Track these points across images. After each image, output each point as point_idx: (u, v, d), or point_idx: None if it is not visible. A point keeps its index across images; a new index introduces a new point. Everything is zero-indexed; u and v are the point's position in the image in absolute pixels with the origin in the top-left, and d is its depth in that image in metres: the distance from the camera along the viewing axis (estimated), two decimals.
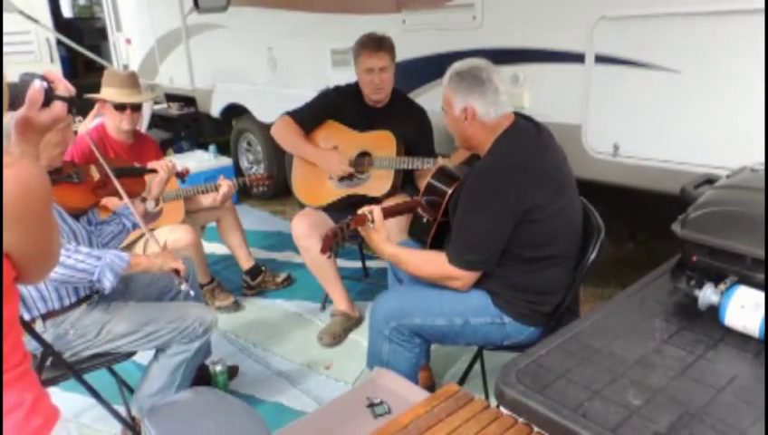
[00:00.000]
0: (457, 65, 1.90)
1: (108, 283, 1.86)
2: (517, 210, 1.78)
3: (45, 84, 1.03)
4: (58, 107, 1.06)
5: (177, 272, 2.02)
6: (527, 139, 1.87)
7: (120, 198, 2.18)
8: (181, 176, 2.64)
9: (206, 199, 3.09)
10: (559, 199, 1.84)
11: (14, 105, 1.02)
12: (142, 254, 2.06)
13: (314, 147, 2.89)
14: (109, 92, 2.86)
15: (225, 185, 2.91)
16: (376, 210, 2.01)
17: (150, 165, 2.37)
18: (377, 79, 2.76)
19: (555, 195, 1.83)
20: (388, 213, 2.06)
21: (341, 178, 2.87)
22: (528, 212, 1.78)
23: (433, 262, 1.92)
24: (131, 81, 2.95)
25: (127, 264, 1.91)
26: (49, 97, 1.04)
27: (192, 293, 2.06)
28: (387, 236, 2.03)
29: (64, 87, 1.08)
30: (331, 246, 2.00)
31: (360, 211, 2.03)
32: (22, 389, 0.99)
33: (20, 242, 0.91)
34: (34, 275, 1.02)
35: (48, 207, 0.94)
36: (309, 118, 2.91)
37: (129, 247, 2.77)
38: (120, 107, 2.85)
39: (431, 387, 2.32)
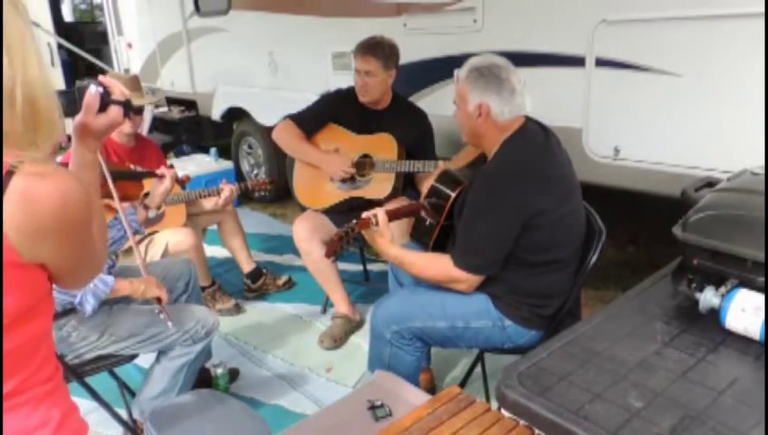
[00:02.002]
0: (476, 60, 1.87)
1: (89, 307, 1.87)
2: (524, 215, 1.78)
3: (101, 89, 1.05)
4: (114, 111, 1.07)
5: (158, 301, 2.01)
6: (535, 143, 1.86)
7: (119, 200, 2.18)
8: (181, 183, 2.63)
9: (208, 203, 3.09)
10: (565, 205, 1.84)
11: (72, 111, 1.04)
12: (127, 280, 2.05)
13: (315, 150, 2.90)
14: None
15: (227, 189, 2.91)
16: (380, 213, 2.02)
17: (160, 171, 2.35)
18: (360, 81, 2.78)
19: (561, 200, 1.83)
20: (391, 216, 2.06)
21: (343, 181, 2.87)
22: (535, 217, 1.78)
23: (437, 264, 1.92)
24: (133, 84, 2.95)
25: (110, 289, 1.92)
26: (105, 102, 1.05)
27: (170, 324, 1.99)
28: (392, 237, 2.03)
29: (119, 91, 1.09)
30: (336, 250, 2.01)
31: (364, 215, 2.04)
32: (51, 405, 0.96)
33: (55, 254, 0.88)
34: (69, 283, 0.99)
35: (87, 220, 0.91)
36: (310, 121, 2.92)
37: (129, 251, 2.77)
38: None
39: (432, 389, 2.32)
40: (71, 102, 1.04)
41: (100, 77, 1.09)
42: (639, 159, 2.51)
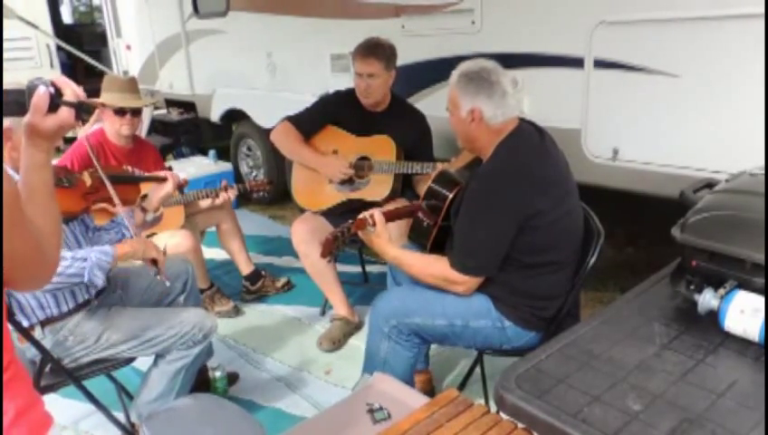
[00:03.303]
0: (466, 66, 1.87)
1: (99, 281, 1.85)
2: (520, 216, 1.77)
3: (51, 90, 1.01)
4: (65, 113, 1.03)
5: (154, 262, 2.00)
6: (530, 144, 1.86)
7: (113, 204, 2.17)
8: (179, 187, 2.63)
9: (205, 202, 3.07)
10: (561, 206, 1.84)
11: (22, 111, 1.01)
12: (126, 242, 2.04)
13: (314, 152, 2.89)
14: (109, 97, 2.86)
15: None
16: (377, 214, 2.01)
17: (162, 175, 2.34)
18: (363, 84, 2.77)
19: (558, 201, 1.83)
20: (388, 216, 2.06)
21: (342, 183, 2.87)
22: (531, 218, 1.78)
23: (435, 266, 1.92)
24: (131, 86, 2.95)
25: (112, 258, 1.90)
26: (55, 103, 1.02)
27: (168, 283, 2.03)
28: (389, 238, 2.02)
29: (72, 92, 1.04)
30: (331, 250, 2.00)
31: (360, 215, 2.03)
32: (6, 399, 0.94)
33: None
34: (21, 282, 0.95)
35: (14, 213, 0.86)
36: (309, 123, 2.91)
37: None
38: (120, 112, 2.85)
39: (430, 392, 2.32)
40: (20, 102, 0.99)
41: (53, 77, 1.05)
42: (638, 160, 2.51)
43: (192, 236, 2.93)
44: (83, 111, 1.07)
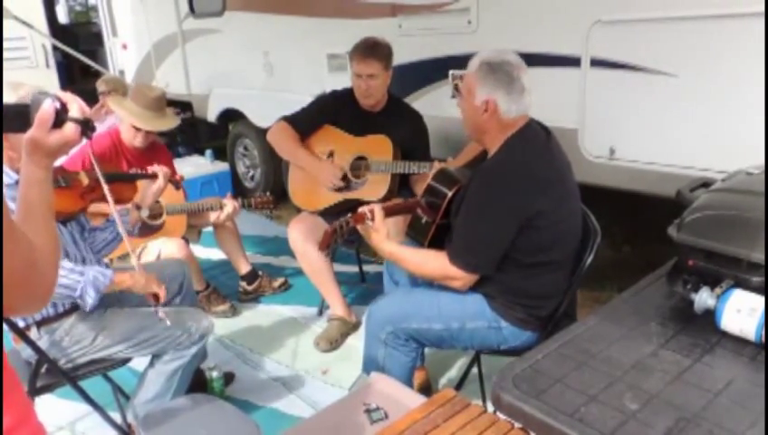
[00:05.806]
0: (488, 55, 1.82)
1: (90, 299, 1.83)
2: (521, 216, 1.77)
3: (57, 104, 0.97)
4: (70, 129, 0.99)
5: (155, 298, 1.98)
6: (536, 144, 1.85)
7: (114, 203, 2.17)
8: (175, 183, 2.62)
9: (213, 214, 3.03)
10: (563, 207, 1.83)
11: (23, 127, 0.98)
12: (127, 272, 2.02)
13: (309, 155, 2.88)
14: (131, 110, 2.88)
15: (230, 205, 2.90)
16: (376, 209, 2.01)
17: (151, 169, 2.35)
18: (364, 85, 2.76)
19: (559, 203, 1.82)
20: (387, 212, 2.06)
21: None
22: (532, 218, 1.77)
23: (433, 261, 1.91)
24: (157, 104, 2.94)
25: (110, 281, 1.89)
26: (61, 118, 0.98)
27: (168, 323, 1.96)
28: (387, 233, 2.02)
29: (79, 108, 1.01)
30: (329, 243, 2.00)
31: (360, 209, 2.03)
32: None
33: None
34: (17, 304, 0.89)
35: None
36: (305, 123, 2.91)
37: (124, 257, 2.75)
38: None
39: (427, 390, 2.32)
40: (23, 114, 0.96)
41: (59, 92, 1.02)
42: (635, 160, 2.51)
43: (185, 246, 2.91)
44: (89, 129, 1.02)
